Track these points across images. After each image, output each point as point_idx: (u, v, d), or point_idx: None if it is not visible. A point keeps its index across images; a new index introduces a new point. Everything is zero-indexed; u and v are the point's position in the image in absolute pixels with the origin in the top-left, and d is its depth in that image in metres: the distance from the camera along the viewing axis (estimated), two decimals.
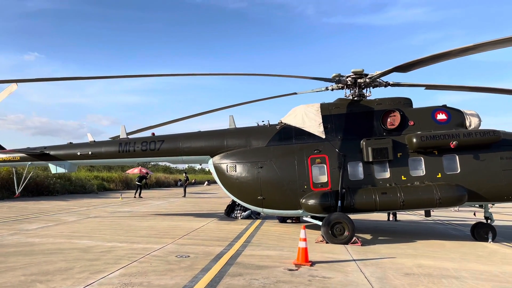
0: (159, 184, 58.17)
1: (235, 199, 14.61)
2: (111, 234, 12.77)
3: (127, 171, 46.36)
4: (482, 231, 13.57)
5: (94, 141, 16.44)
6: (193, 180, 74.33)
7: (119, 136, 16.45)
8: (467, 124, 13.63)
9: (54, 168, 16.61)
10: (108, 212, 19.98)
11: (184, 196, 35.08)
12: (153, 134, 16.12)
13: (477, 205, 13.66)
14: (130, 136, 16.54)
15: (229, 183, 14.07)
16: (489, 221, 13.69)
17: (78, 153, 16.17)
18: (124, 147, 15.63)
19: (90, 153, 16.04)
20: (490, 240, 13.18)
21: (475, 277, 8.48)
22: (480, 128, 13.61)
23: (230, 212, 18.80)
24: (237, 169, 13.90)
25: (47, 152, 16.52)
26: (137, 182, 34.37)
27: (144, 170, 41.32)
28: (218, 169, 14.34)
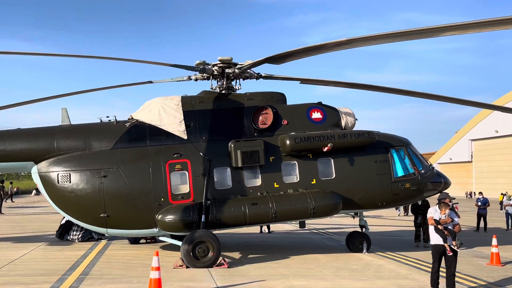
0: None
1: (70, 219, 13.67)
2: None
3: None
4: (357, 241, 15.08)
5: None
6: (16, 189, 67.35)
7: None
8: (343, 123, 15.01)
9: None
10: None
11: (0, 212, 31.53)
12: None
13: (351, 213, 15.17)
14: None
15: (61, 197, 13.07)
16: (364, 229, 15.31)
17: None
18: None
19: None
20: (364, 250, 14.75)
21: None
22: (355, 127, 15.12)
23: (64, 233, 17.51)
24: (71, 180, 12.95)
25: None
26: None
27: None
28: (45, 179, 13.16)
